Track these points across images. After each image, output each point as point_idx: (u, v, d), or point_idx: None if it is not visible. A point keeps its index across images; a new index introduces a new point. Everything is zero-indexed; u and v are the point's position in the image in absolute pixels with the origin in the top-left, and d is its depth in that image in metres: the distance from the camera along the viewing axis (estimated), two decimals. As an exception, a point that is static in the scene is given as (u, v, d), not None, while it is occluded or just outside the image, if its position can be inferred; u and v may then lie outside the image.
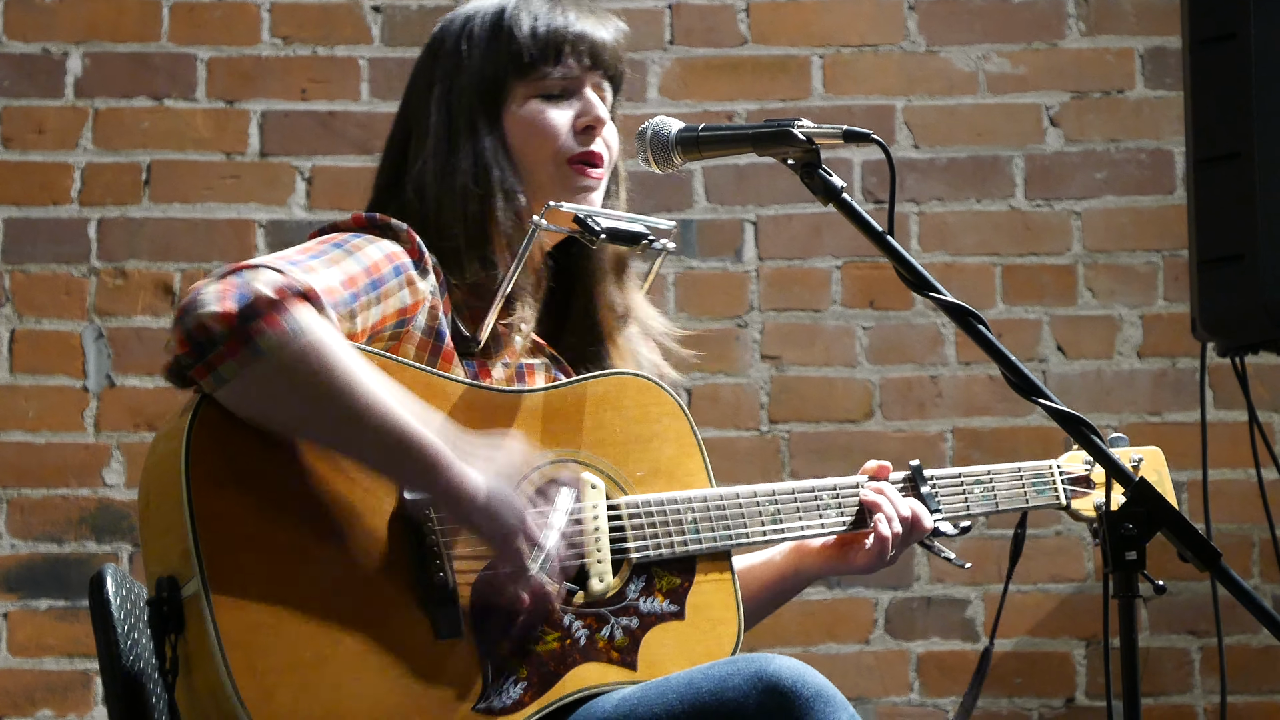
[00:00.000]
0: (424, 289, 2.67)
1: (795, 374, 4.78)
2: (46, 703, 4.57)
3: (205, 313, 2.41)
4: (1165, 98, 4.86)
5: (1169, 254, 4.82)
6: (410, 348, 2.66)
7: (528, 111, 2.81)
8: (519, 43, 2.80)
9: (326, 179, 4.76)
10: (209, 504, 2.43)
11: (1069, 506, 3.07)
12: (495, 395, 2.67)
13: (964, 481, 2.99)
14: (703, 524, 2.73)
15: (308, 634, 2.44)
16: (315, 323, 2.45)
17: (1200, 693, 4.73)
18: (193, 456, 2.44)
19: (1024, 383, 2.46)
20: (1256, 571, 4.75)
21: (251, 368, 2.42)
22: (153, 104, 4.75)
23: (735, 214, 4.81)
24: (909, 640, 4.73)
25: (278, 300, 2.43)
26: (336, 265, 2.58)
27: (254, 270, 2.46)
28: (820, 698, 2.45)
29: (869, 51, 4.87)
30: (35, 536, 4.62)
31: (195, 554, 2.41)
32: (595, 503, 2.67)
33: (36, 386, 4.66)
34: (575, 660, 2.60)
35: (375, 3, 4.81)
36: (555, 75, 2.81)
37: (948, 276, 4.76)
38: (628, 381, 2.77)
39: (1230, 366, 4.03)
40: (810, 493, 2.85)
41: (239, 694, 2.39)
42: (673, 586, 2.70)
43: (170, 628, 2.46)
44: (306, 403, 2.46)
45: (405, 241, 2.68)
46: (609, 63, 2.84)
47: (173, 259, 4.69)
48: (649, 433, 2.75)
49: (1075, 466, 3.09)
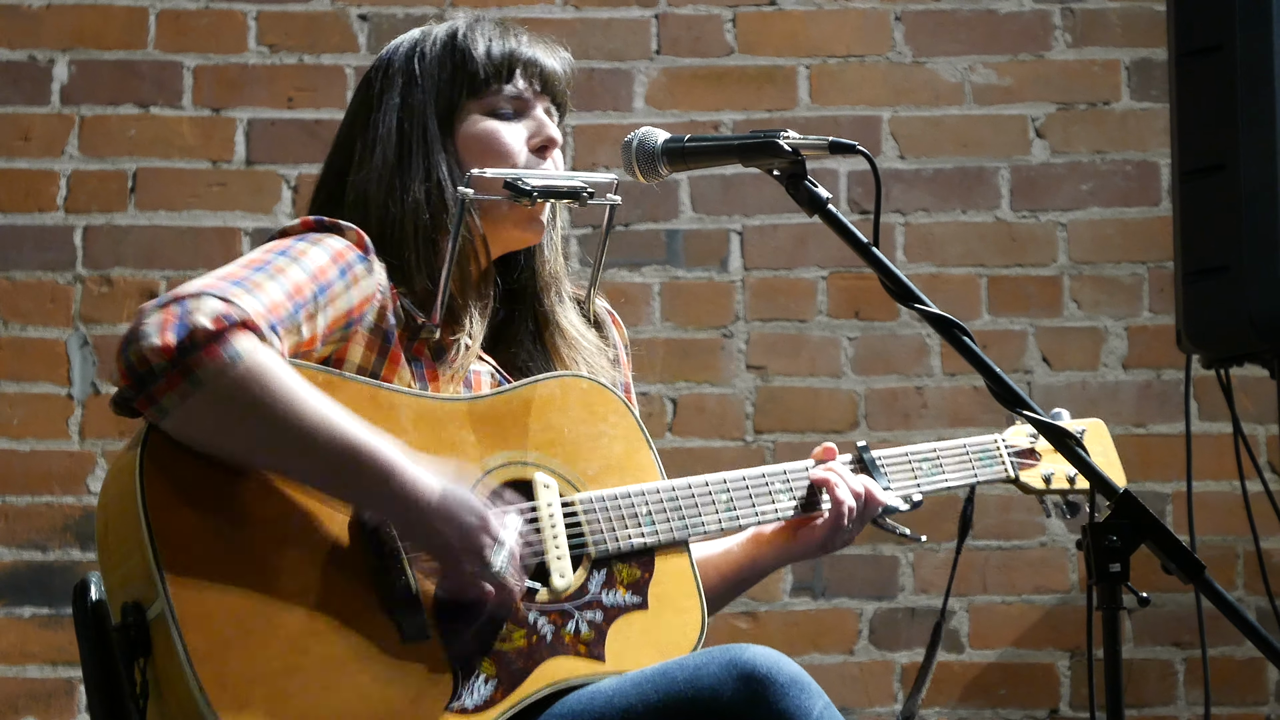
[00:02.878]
0: (370, 284, 2.68)
1: (780, 384, 4.78)
2: (30, 710, 4.56)
3: (145, 345, 2.44)
4: (1151, 109, 4.87)
5: (1154, 266, 4.83)
6: (359, 348, 2.68)
7: (480, 129, 2.83)
8: (475, 61, 2.83)
9: (312, 187, 4.74)
10: (167, 526, 2.45)
11: (1018, 479, 3.09)
12: (441, 404, 2.68)
13: (911, 460, 3.01)
14: (658, 516, 2.75)
15: (276, 646, 2.45)
16: (255, 350, 2.47)
17: (1184, 704, 4.74)
18: (146, 482, 2.46)
19: (1008, 394, 2.47)
20: (1241, 583, 4.76)
21: (192, 399, 2.44)
22: (139, 111, 4.75)
23: (721, 224, 4.82)
24: (893, 651, 4.73)
25: (216, 331, 2.45)
26: (282, 275, 2.59)
27: (196, 299, 2.47)
28: (795, 684, 2.46)
29: (855, 62, 4.88)
30: (19, 544, 4.61)
31: (158, 576, 2.42)
32: (550, 501, 2.69)
33: (21, 394, 4.65)
34: (543, 656, 2.60)
35: (362, 11, 4.81)
36: (508, 94, 2.83)
37: (933, 287, 4.77)
38: (571, 383, 2.78)
39: (1215, 378, 4.03)
40: (761, 479, 2.87)
41: (212, 707, 2.39)
42: (634, 578, 2.71)
43: (138, 651, 2.47)
44: (250, 431, 2.47)
45: (352, 237, 2.69)
46: (559, 90, 2.88)
47: (158, 267, 4.69)
48: (597, 431, 2.76)
49: (1020, 440, 3.11)
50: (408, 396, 2.66)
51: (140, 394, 2.45)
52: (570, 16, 4.81)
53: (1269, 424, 4.73)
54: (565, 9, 4.83)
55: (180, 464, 2.48)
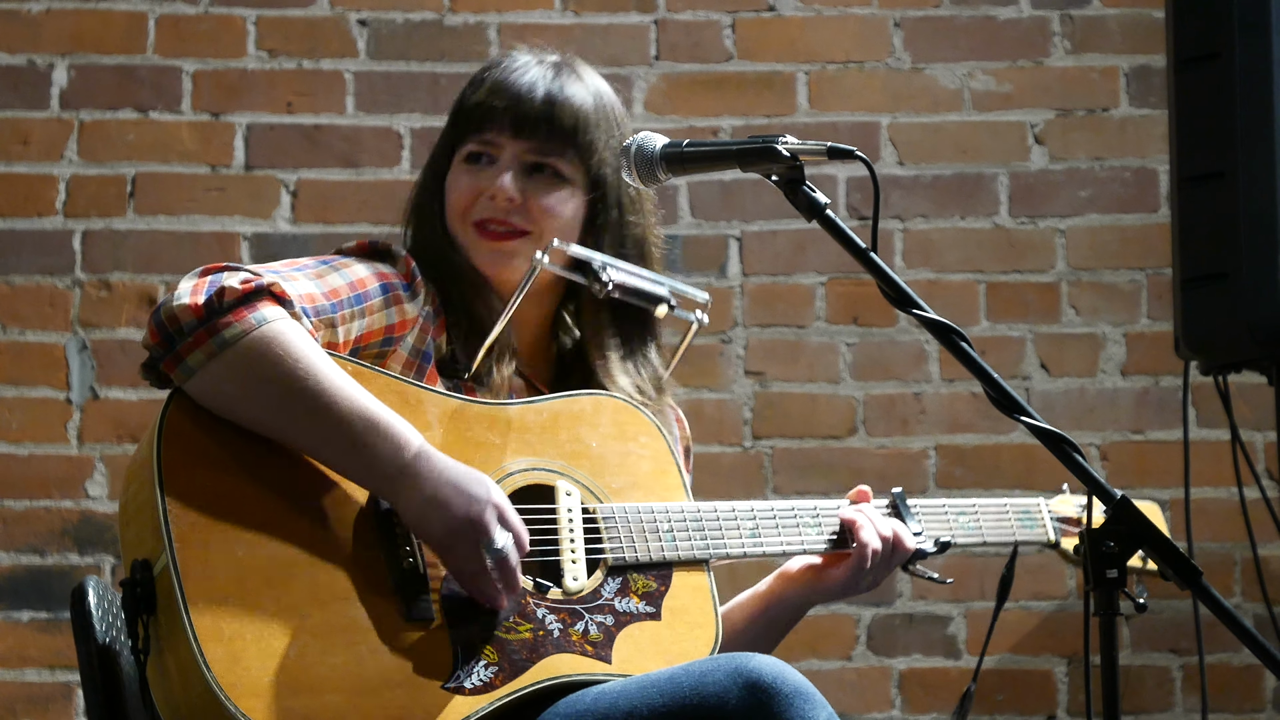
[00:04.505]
0: (413, 309, 2.73)
1: (779, 390, 4.78)
2: (28, 714, 4.56)
3: (176, 305, 2.50)
4: (1150, 116, 4.87)
5: (1153, 272, 4.83)
6: (396, 366, 2.71)
7: (452, 173, 2.89)
8: (463, 106, 2.89)
9: (311, 192, 4.76)
10: (179, 482, 2.48)
11: (1058, 544, 3.08)
12: (470, 406, 2.70)
13: (948, 511, 3.01)
14: (680, 533, 2.75)
15: (276, 608, 2.47)
16: (282, 317, 2.52)
17: (1181, 711, 4.74)
18: (165, 442, 2.50)
19: (1007, 400, 2.46)
20: (1238, 590, 4.76)
21: (217, 360, 2.49)
22: (138, 116, 4.75)
23: (720, 230, 4.82)
24: (891, 657, 4.73)
25: (246, 294, 2.51)
26: (320, 279, 2.66)
27: (231, 270, 2.54)
28: (800, 695, 2.46)
29: (854, 68, 4.88)
30: (17, 548, 4.61)
31: (165, 529, 2.45)
32: (570, 506, 2.70)
33: (20, 398, 4.65)
34: (547, 650, 2.61)
35: (361, 16, 4.81)
36: (478, 140, 2.86)
37: (932, 293, 4.77)
38: (604, 401, 2.80)
39: (1213, 385, 4.04)
40: (790, 511, 2.87)
41: (205, 658, 2.41)
42: (649, 590, 2.72)
43: (143, 608, 2.49)
44: (270, 395, 2.51)
45: (400, 265, 2.74)
46: (534, 130, 2.85)
47: (157, 271, 4.69)
48: (625, 449, 2.77)
49: (1065, 508, 3.09)
50: (437, 395, 2.68)
51: (168, 353, 2.49)
52: (569, 22, 4.81)
53: (1267, 431, 4.73)
54: (565, 14, 4.83)
55: (200, 428, 2.52)
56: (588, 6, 4.84)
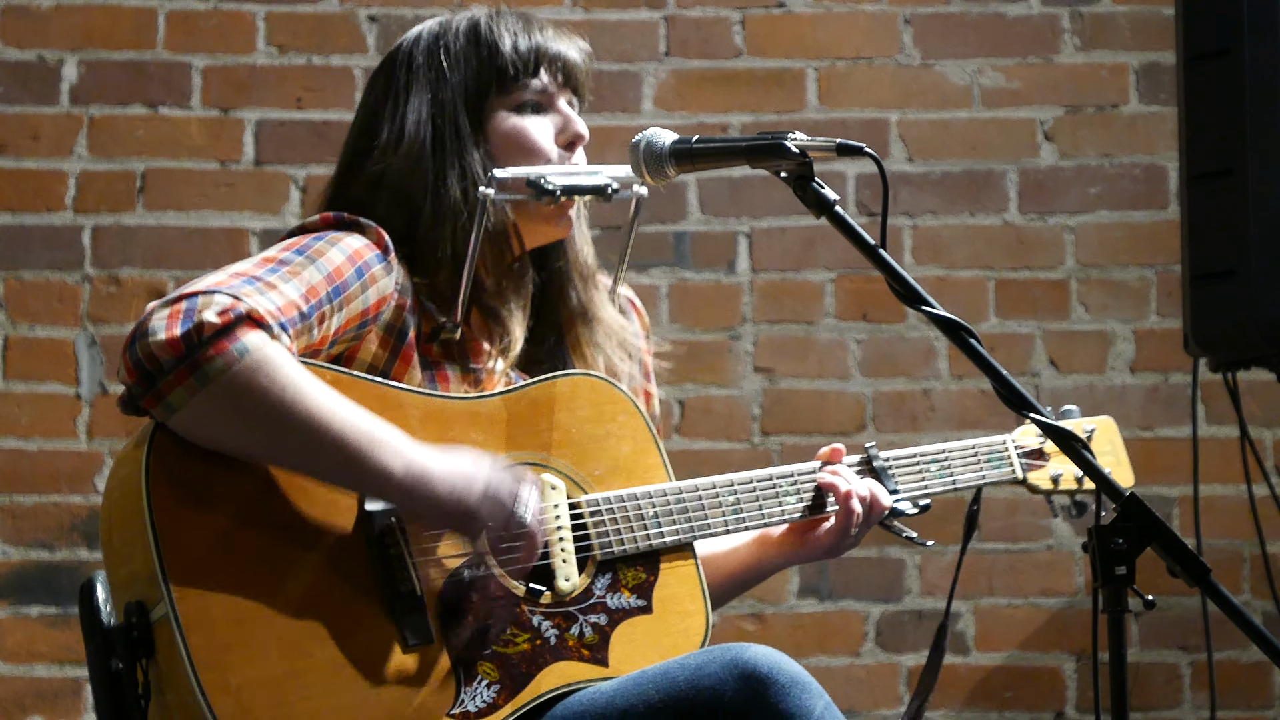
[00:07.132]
0: (387, 284, 2.68)
1: (788, 386, 4.78)
2: (36, 709, 4.57)
3: (152, 342, 2.43)
4: (1159, 113, 4.87)
5: (1162, 269, 4.83)
6: (371, 345, 2.69)
7: (510, 126, 2.84)
8: (502, 56, 2.83)
9: (321, 188, 4.74)
10: (171, 528, 2.45)
11: (1026, 480, 3.09)
12: (449, 404, 2.68)
13: (920, 461, 3.01)
14: (664, 518, 2.75)
15: (278, 650, 2.46)
16: (263, 345, 2.46)
17: (1190, 708, 4.74)
18: (152, 482, 2.46)
19: (1015, 397, 2.46)
20: (1247, 587, 4.76)
21: (200, 395, 2.43)
22: (148, 112, 4.75)
23: (729, 226, 4.82)
24: (899, 653, 4.73)
25: (224, 326, 2.44)
26: (296, 277, 2.59)
27: (205, 296, 2.47)
28: (796, 684, 2.46)
29: (864, 64, 4.88)
30: (27, 543, 4.61)
31: (161, 577, 2.43)
32: (557, 503, 2.69)
33: (29, 393, 4.66)
34: (546, 660, 2.61)
35: (370, 12, 4.82)
36: (534, 89, 2.84)
37: (941, 290, 4.77)
38: (580, 382, 2.79)
39: (1222, 382, 4.04)
40: (768, 481, 2.86)
41: (213, 712, 2.40)
42: (639, 581, 2.72)
43: (141, 652, 2.48)
44: (258, 424, 2.47)
45: (370, 235, 2.69)
46: (580, 82, 2.90)
47: (166, 267, 4.70)
48: (604, 431, 2.77)
49: (1028, 440, 3.11)
50: (416, 396, 2.66)
51: (148, 391, 2.44)
52: (579, 18, 4.81)
53: (1276, 428, 4.73)
54: (574, 10, 4.83)
55: (186, 465, 2.48)
56: (597, 3, 4.84)
